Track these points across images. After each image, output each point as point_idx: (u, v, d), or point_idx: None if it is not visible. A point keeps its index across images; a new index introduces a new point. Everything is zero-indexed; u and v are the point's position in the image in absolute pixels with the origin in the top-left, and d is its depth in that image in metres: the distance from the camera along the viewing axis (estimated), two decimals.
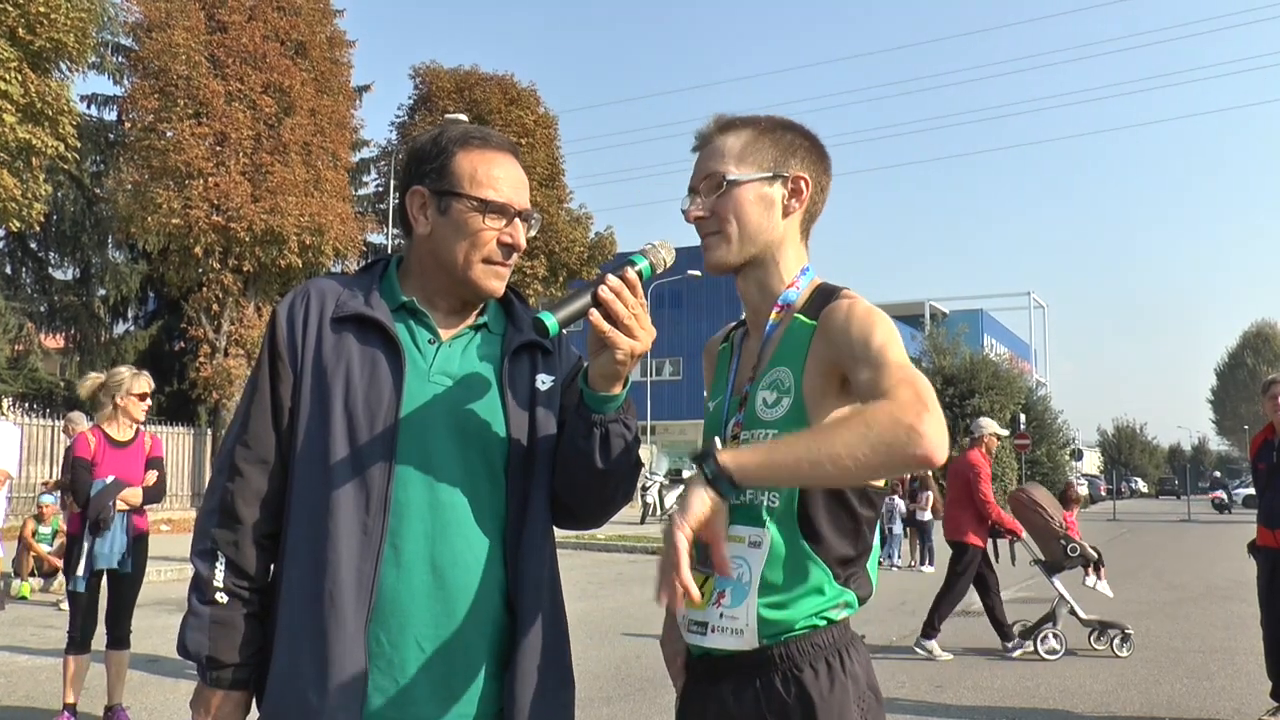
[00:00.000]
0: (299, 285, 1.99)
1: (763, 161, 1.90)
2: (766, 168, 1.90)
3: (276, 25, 26.37)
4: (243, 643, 1.83)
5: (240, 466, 1.86)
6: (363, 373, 1.85)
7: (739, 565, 1.79)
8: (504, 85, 33.13)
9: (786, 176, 1.90)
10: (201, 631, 1.82)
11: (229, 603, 1.83)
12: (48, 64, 20.37)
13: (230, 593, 1.83)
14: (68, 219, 27.54)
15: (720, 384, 2.03)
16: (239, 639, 1.83)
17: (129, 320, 30.90)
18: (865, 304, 1.80)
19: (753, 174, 1.89)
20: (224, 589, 1.82)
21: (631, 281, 1.77)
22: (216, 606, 1.82)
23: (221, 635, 1.82)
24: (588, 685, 6.99)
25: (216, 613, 1.82)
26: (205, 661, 1.82)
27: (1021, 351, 79.01)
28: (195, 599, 1.84)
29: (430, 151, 1.95)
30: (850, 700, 1.76)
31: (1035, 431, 46.16)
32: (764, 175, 1.89)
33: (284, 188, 25.13)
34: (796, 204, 1.91)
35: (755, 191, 1.89)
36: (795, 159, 1.91)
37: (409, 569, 1.81)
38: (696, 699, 1.90)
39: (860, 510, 1.81)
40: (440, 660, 1.81)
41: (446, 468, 1.85)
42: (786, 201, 1.91)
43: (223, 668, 1.82)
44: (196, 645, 1.82)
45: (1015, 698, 7.22)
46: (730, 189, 1.89)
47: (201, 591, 1.84)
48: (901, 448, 1.53)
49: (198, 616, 1.83)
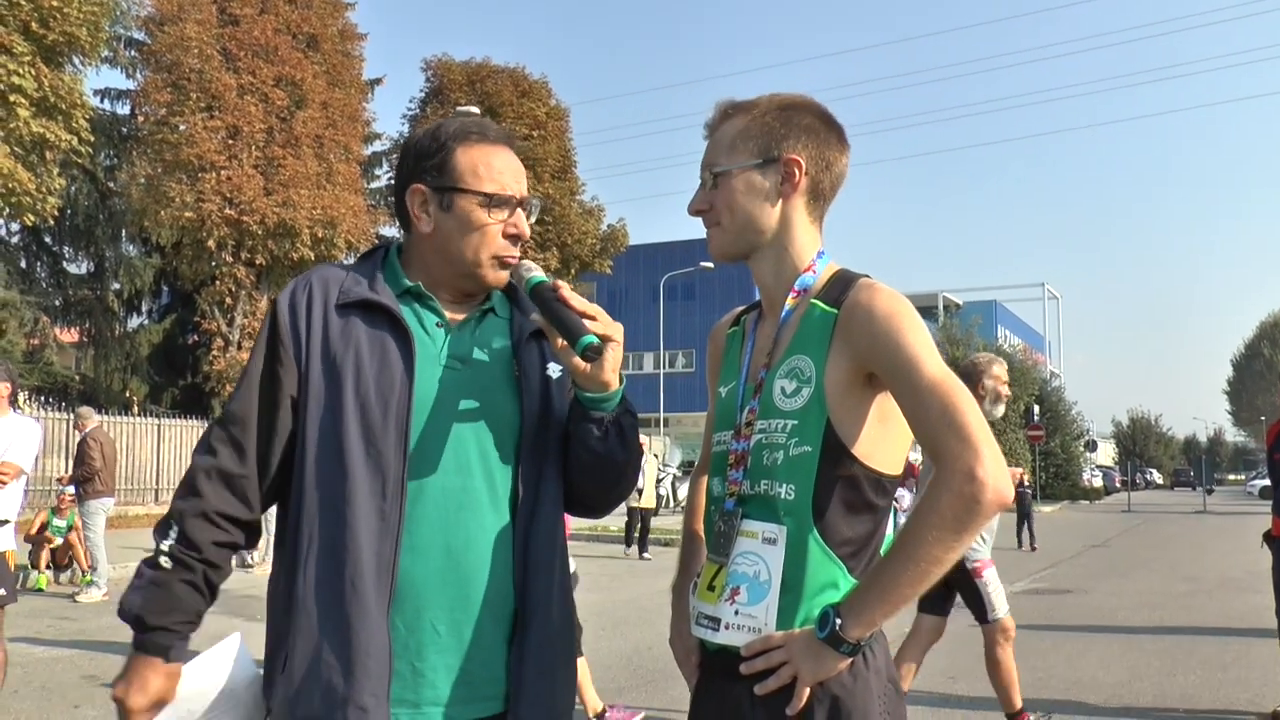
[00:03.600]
0: (301, 275, 1.99)
1: (753, 148, 1.86)
2: (756, 154, 1.86)
3: (288, 18, 26.42)
4: (173, 609, 1.79)
5: (213, 444, 1.86)
6: (372, 358, 1.85)
7: (755, 562, 1.78)
8: (515, 78, 33.12)
9: (777, 160, 1.85)
10: (137, 592, 1.79)
11: (172, 567, 1.79)
12: (61, 58, 20.46)
13: (174, 558, 1.80)
14: (81, 213, 27.67)
15: (731, 369, 2.00)
16: (172, 604, 1.79)
17: (142, 314, 31.08)
18: (886, 296, 1.76)
19: (741, 162, 1.86)
20: (169, 554, 1.80)
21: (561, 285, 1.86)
22: (158, 570, 1.80)
23: (154, 596, 1.78)
24: (600, 676, 7.00)
25: (155, 575, 1.79)
26: (133, 622, 1.78)
27: (1035, 343, 78.74)
28: (143, 564, 1.83)
29: (429, 148, 1.95)
30: (873, 695, 1.75)
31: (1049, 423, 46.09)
32: (754, 162, 1.86)
33: (296, 181, 25.18)
34: (790, 188, 1.86)
35: (745, 180, 1.86)
36: (790, 140, 1.85)
37: (424, 553, 1.81)
38: (712, 695, 1.88)
39: (875, 500, 1.79)
40: (455, 644, 1.82)
41: (460, 452, 1.86)
42: (780, 187, 1.86)
43: (148, 630, 1.78)
44: (130, 604, 1.79)
45: (1027, 689, 7.18)
46: (722, 180, 1.88)
47: (150, 557, 1.82)
48: (979, 512, 1.62)
49: (139, 577, 1.80)
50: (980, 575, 5.57)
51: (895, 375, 1.70)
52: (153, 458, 24.20)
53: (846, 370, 1.75)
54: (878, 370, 1.73)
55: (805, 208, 1.89)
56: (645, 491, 17.01)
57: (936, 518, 1.62)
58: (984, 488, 1.60)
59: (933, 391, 1.66)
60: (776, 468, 1.77)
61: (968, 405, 1.65)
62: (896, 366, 1.70)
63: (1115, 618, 10.71)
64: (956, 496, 1.61)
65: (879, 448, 1.77)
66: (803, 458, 1.74)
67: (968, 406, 1.65)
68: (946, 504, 1.62)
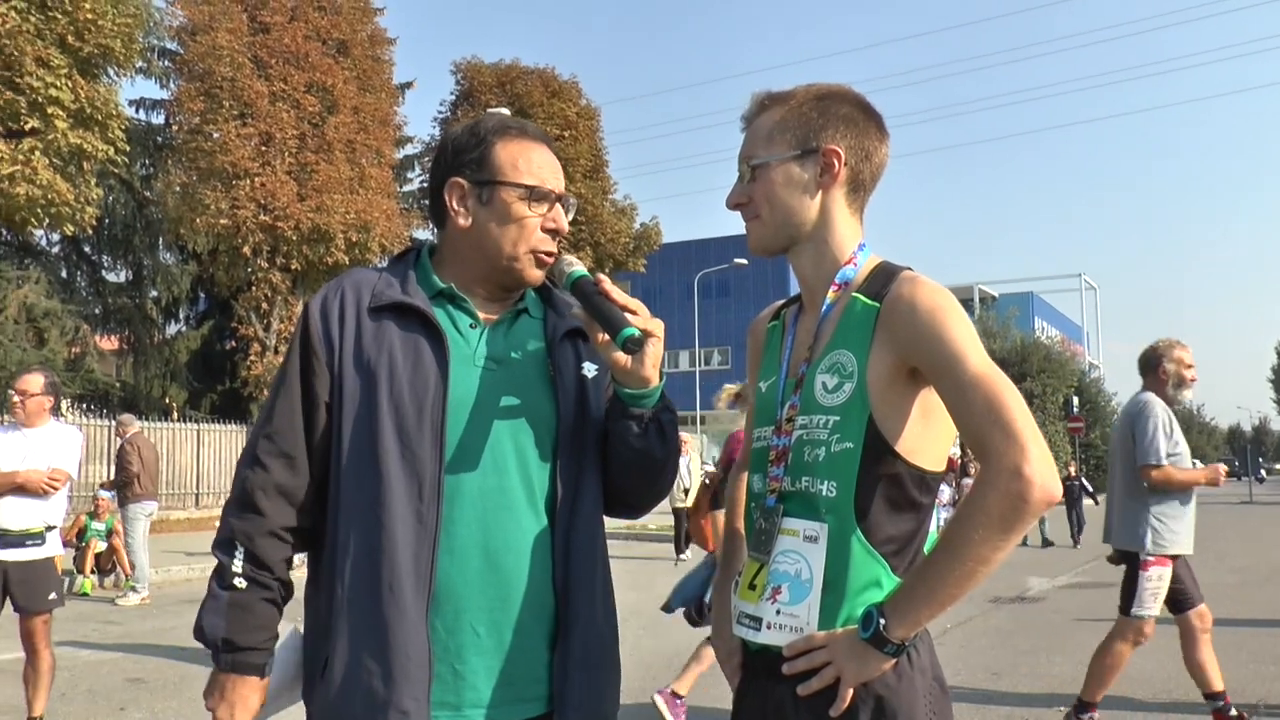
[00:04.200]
0: (333, 280, 1.98)
1: (790, 139, 1.83)
2: (794, 145, 1.82)
3: (318, 25, 26.57)
4: (259, 626, 1.83)
5: (262, 458, 1.86)
6: (406, 360, 1.84)
7: (796, 560, 1.75)
8: (545, 78, 33.16)
9: (816, 151, 1.82)
10: (219, 615, 1.82)
11: (248, 587, 1.82)
12: (96, 70, 20.70)
13: (249, 579, 1.83)
14: (119, 222, 27.96)
15: (771, 364, 1.97)
16: (256, 623, 1.82)
17: (180, 321, 31.39)
18: (929, 289, 1.72)
19: (779, 154, 1.83)
20: (242, 574, 1.82)
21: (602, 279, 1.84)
22: (235, 591, 1.82)
23: (238, 618, 1.81)
24: (640, 675, 6.98)
25: (235, 597, 1.82)
26: (221, 644, 1.81)
27: (1073, 334, 78.10)
28: (215, 584, 1.85)
29: (468, 143, 1.95)
30: (918, 694, 1.71)
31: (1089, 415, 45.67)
32: (792, 154, 1.82)
33: (329, 186, 25.33)
34: (830, 179, 1.83)
35: (783, 172, 1.83)
36: (828, 131, 1.82)
37: (462, 555, 1.80)
38: (755, 696, 1.85)
39: (918, 497, 1.75)
40: (495, 645, 1.81)
41: (496, 452, 1.85)
42: (819, 178, 1.83)
43: (239, 650, 1.81)
44: (213, 628, 1.82)
45: (1074, 685, 7.10)
46: (760, 172, 1.84)
47: (221, 578, 1.84)
48: (1027, 510, 1.58)
49: (215, 600, 1.83)
50: (1147, 569, 5.53)
51: (939, 370, 1.67)
52: (193, 463, 24.46)
53: (889, 365, 1.71)
54: (921, 365, 1.70)
55: (845, 199, 1.86)
56: (691, 491, 16.75)
57: (983, 516, 1.59)
58: (1031, 485, 1.56)
59: (977, 386, 1.63)
60: (818, 464, 1.74)
61: (1013, 400, 1.62)
62: (940, 361, 1.66)
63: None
64: (1003, 495, 1.58)
65: (922, 444, 1.74)
66: (844, 454, 1.72)
67: (1013, 401, 1.61)
68: (993, 502, 1.58)
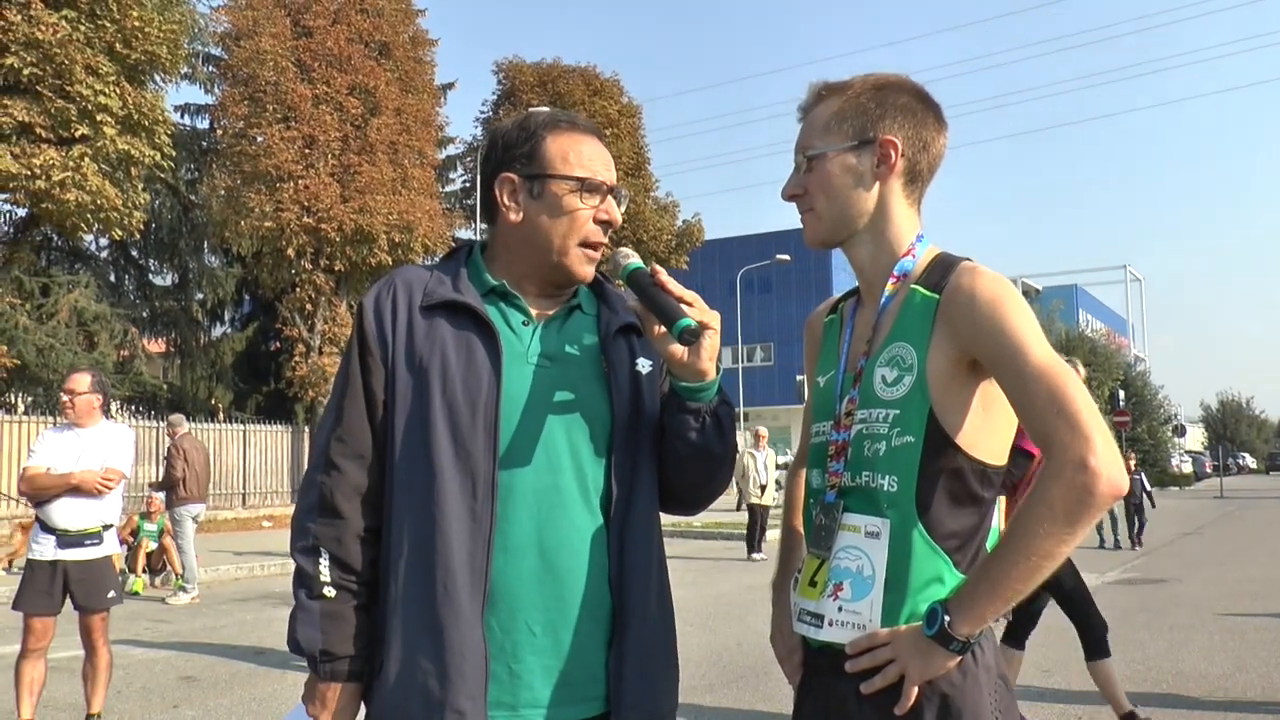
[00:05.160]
0: (384, 277, 1.98)
1: (847, 130, 1.80)
2: (851, 136, 1.80)
3: (360, 28, 26.77)
4: (355, 634, 1.82)
5: (337, 461, 1.85)
6: (459, 358, 1.83)
7: (857, 556, 1.73)
8: (587, 77, 33.25)
9: (873, 141, 1.80)
10: (312, 626, 1.81)
11: (338, 595, 1.82)
12: (143, 76, 21.04)
13: (338, 586, 1.82)
14: (165, 226, 28.35)
15: (829, 358, 1.95)
16: (351, 631, 1.82)
17: (225, 323, 31.79)
18: (989, 280, 1.70)
19: (837, 145, 1.81)
20: (331, 583, 1.81)
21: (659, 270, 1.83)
22: (325, 601, 1.81)
23: (334, 628, 1.81)
24: (689, 673, 6.95)
25: (326, 606, 1.81)
26: (319, 655, 1.81)
27: (1119, 327, 77.14)
28: (303, 594, 1.83)
29: (518, 137, 1.94)
30: (984, 692, 1.69)
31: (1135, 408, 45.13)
32: (849, 145, 1.80)
33: (372, 187, 25.51)
34: (887, 170, 1.81)
35: (840, 163, 1.80)
36: (886, 121, 1.80)
37: (517, 554, 1.79)
38: (817, 693, 1.83)
39: (980, 491, 1.73)
40: (551, 644, 1.80)
41: (551, 450, 1.83)
42: (876, 169, 1.80)
43: (337, 660, 1.81)
44: (309, 640, 1.81)
45: (1127, 682, 7.02)
46: (816, 163, 1.82)
47: (309, 587, 1.83)
48: (1093, 504, 1.55)
49: (307, 611, 1.82)
50: None
51: (1000, 362, 1.64)
52: (239, 463, 24.74)
53: (949, 358, 1.69)
54: (981, 357, 1.67)
55: (902, 190, 1.84)
56: (767, 488, 16.48)
57: (1048, 510, 1.56)
58: (1097, 477, 1.53)
59: (1040, 378, 1.60)
60: (878, 459, 1.72)
61: (1077, 391, 1.59)
62: (1001, 353, 1.64)
63: (1215, 607, 10.40)
64: (1068, 487, 1.55)
65: (983, 437, 1.71)
66: (905, 448, 1.70)
67: (1077, 392, 1.58)
68: (1058, 495, 1.56)
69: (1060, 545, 1.57)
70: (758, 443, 16.92)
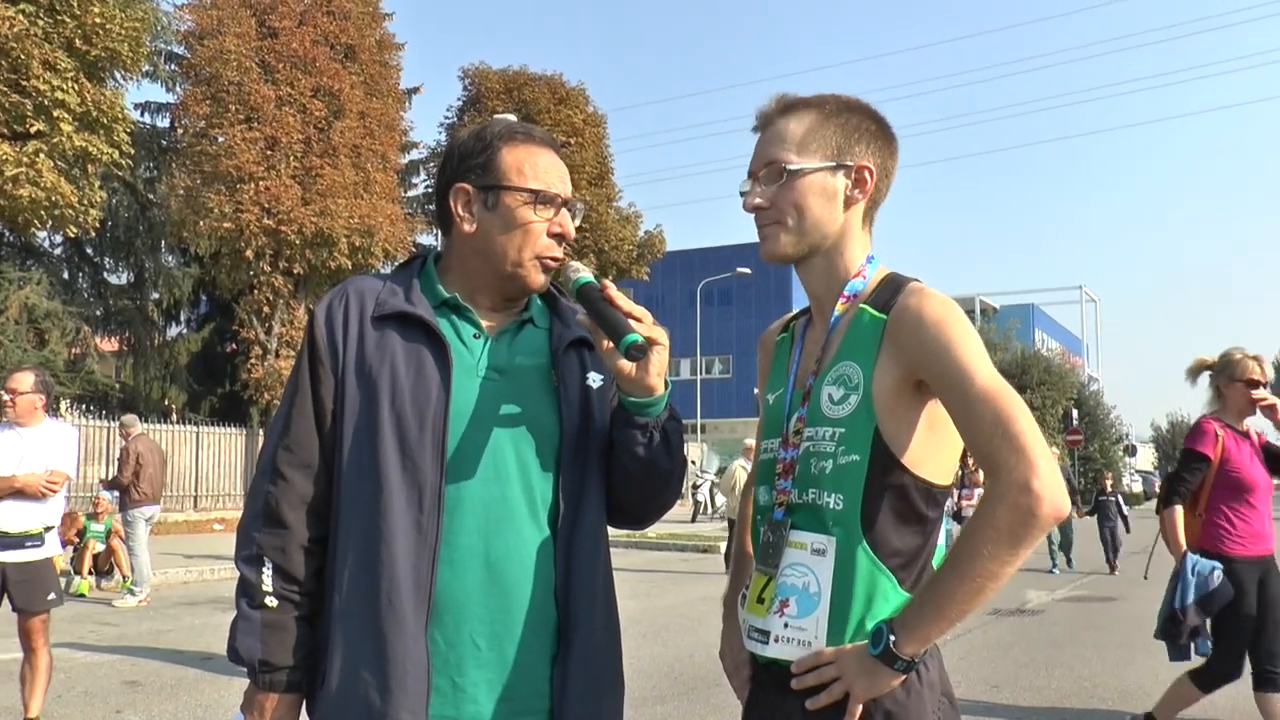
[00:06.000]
0: (337, 286, 1.97)
1: (826, 150, 1.81)
2: (830, 156, 1.80)
3: (326, 30, 26.61)
4: (295, 645, 1.81)
5: (283, 470, 1.84)
6: (408, 370, 1.83)
7: (804, 573, 1.74)
8: (553, 85, 33.21)
9: (850, 166, 1.81)
10: (253, 636, 1.80)
11: (279, 606, 1.80)
12: (103, 73, 20.79)
13: (280, 596, 1.80)
14: (122, 225, 28.00)
15: (780, 376, 1.96)
16: (292, 641, 1.81)
17: (181, 323, 31.44)
18: (936, 302, 1.70)
19: (815, 164, 1.80)
20: (273, 593, 1.80)
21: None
22: (267, 610, 1.80)
23: (274, 638, 1.80)
24: (640, 684, 6.96)
25: (267, 616, 1.80)
26: (259, 665, 1.79)
27: (1073, 346, 78.09)
28: (245, 604, 1.82)
29: (474, 148, 1.93)
30: (927, 710, 1.70)
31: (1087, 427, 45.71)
32: (827, 165, 1.80)
33: (334, 190, 25.36)
34: (860, 194, 1.82)
35: (818, 183, 1.80)
36: (860, 146, 1.81)
37: (463, 566, 1.79)
38: (765, 708, 1.84)
39: (925, 511, 1.74)
40: (496, 658, 1.79)
41: (499, 462, 1.83)
42: (850, 192, 1.81)
43: (276, 670, 1.80)
44: (249, 650, 1.80)
45: (1074, 698, 7.10)
46: (791, 179, 1.81)
47: (251, 596, 1.81)
48: (1035, 525, 1.57)
49: (248, 621, 1.81)
50: None
51: (946, 383, 1.66)
52: (191, 465, 24.47)
53: (896, 377, 1.70)
54: (927, 378, 1.68)
55: (864, 213, 1.86)
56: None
57: (992, 531, 1.58)
58: (1040, 500, 1.55)
59: (985, 401, 1.61)
60: (824, 476, 1.73)
61: (1021, 415, 1.60)
62: (947, 374, 1.65)
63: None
64: (1011, 509, 1.56)
65: (929, 457, 1.73)
66: (851, 466, 1.71)
67: (1022, 416, 1.60)
68: (1002, 517, 1.57)
69: (1004, 566, 1.58)
70: (747, 455, 16.99)
